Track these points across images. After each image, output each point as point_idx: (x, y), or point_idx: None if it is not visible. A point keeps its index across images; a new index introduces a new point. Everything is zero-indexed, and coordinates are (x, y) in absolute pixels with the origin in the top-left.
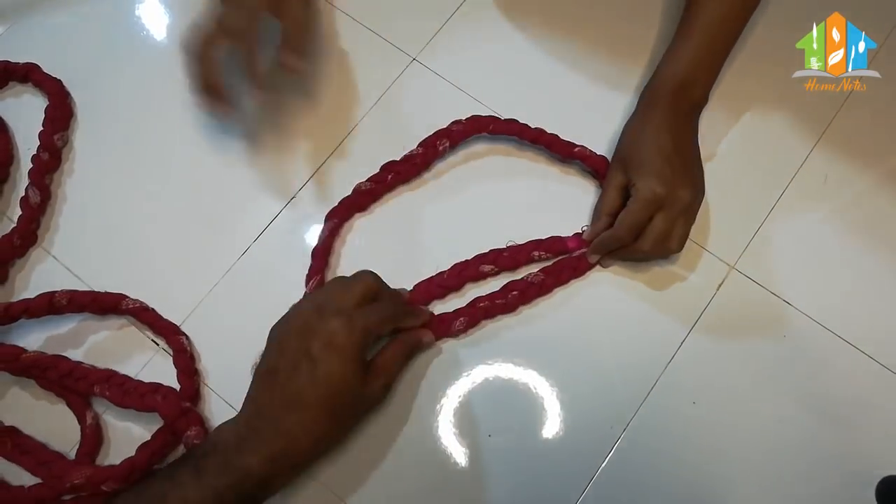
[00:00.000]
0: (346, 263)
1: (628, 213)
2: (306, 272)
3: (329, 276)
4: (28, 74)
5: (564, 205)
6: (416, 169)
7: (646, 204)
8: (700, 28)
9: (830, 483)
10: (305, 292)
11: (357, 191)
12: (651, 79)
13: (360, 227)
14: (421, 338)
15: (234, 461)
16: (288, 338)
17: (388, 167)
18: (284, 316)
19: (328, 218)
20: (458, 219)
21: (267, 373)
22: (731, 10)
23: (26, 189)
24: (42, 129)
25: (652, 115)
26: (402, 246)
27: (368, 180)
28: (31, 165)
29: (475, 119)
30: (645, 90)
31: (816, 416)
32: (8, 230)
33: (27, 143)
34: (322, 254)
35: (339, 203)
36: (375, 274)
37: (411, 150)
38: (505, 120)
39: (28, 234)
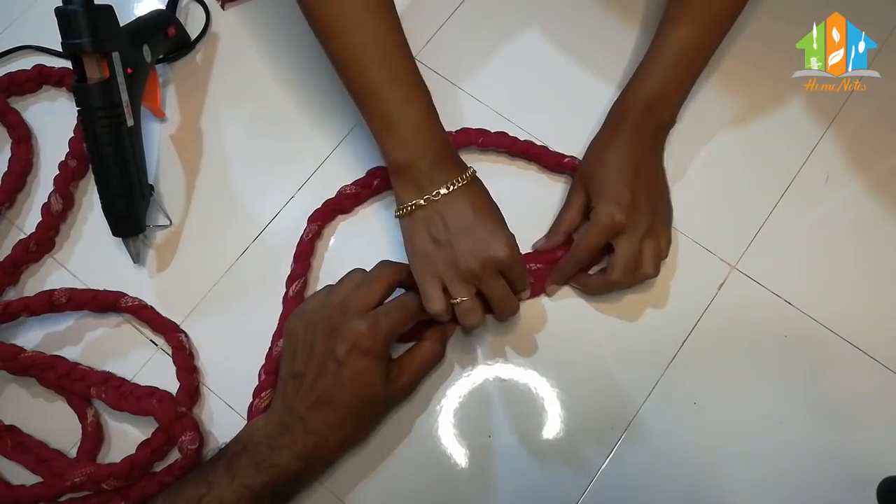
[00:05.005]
0: (329, 266)
1: (585, 236)
2: (287, 274)
3: (311, 279)
4: (63, 79)
5: (555, 212)
6: None
7: (602, 229)
8: (670, 50)
9: (831, 483)
10: (286, 293)
11: (341, 193)
12: (619, 96)
13: (343, 229)
14: (445, 329)
15: (268, 459)
16: (313, 339)
17: (375, 172)
18: (302, 309)
19: (311, 220)
20: None
21: (294, 376)
22: (702, 34)
23: (49, 196)
24: (73, 135)
25: (618, 135)
26: (386, 249)
27: (353, 184)
28: (58, 172)
29: (465, 132)
30: (613, 107)
31: (818, 416)
32: (18, 238)
33: (57, 149)
34: (304, 256)
35: (323, 205)
36: (394, 268)
37: None
38: (494, 133)
39: (45, 241)
